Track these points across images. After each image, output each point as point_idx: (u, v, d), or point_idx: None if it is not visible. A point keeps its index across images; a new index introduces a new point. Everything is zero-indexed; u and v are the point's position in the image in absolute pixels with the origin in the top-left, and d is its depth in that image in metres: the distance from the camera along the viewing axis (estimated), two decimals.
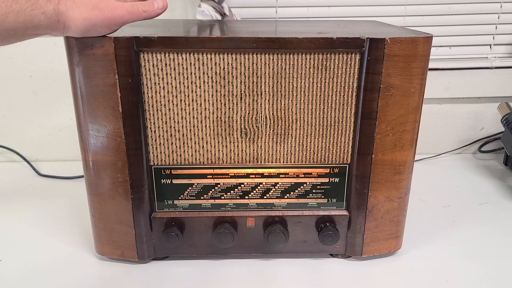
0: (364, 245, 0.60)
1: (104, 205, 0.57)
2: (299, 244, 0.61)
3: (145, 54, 0.51)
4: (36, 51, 0.88)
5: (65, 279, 0.58)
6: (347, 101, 0.54)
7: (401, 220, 0.60)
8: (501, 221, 0.73)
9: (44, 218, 0.73)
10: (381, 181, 0.57)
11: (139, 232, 0.58)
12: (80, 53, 0.50)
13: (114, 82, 0.51)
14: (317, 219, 0.59)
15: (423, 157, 0.98)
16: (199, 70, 0.52)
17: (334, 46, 0.51)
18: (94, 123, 0.53)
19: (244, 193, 0.58)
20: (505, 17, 0.92)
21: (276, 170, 0.58)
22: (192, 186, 0.58)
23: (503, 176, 0.89)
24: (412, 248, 0.65)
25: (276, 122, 0.55)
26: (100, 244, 0.60)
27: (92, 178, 0.56)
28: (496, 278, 0.58)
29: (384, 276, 0.59)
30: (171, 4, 0.87)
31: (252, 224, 0.59)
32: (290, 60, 0.52)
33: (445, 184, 0.86)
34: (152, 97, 0.53)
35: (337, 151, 0.57)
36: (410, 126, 0.55)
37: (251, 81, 0.53)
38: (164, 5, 0.49)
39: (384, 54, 0.51)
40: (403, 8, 0.90)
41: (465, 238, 0.68)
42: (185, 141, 0.56)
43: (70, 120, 0.94)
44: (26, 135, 0.95)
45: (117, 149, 0.54)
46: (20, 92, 0.92)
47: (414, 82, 0.53)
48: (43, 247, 0.65)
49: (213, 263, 0.61)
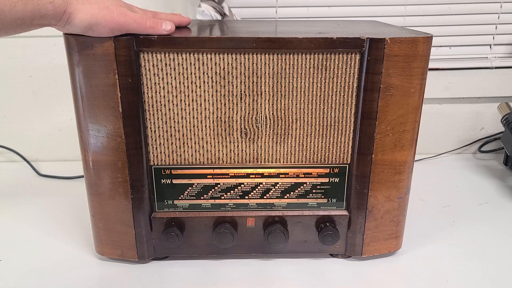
0: (364, 245, 0.60)
1: (104, 205, 0.57)
2: (299, 244, 0.61)
3: (145, 54, 0.51)
4: (36, 51, 0.88)
5: (65, 279, 0.58)
6: (347, 101, 0.54)
7: (401, 220, 0.60)
8: (501, 221, 0.73)
9: (44, 218, 0.73)
10: (381, 181, 0.57)
11: (139, 232, 0.58)
12: (80, 53, 0.50)
13: (114, 82, 0.51)
14: (317, 219, 0.59)
15: (423, 157, 0.98)
16: (199, 70, 0.52)
17: (334, 46, 0.51)
18: (94, 123, 0.53)
19: (244, 193, 0.58)
20: (505, 17, 0.92)
21: (276, 170, 0.58)
22: (192, 186, 0.58)
23: (503, 176, 0.89)
24: (412, 248, 0.65)
25: (276, 122, 0.55)
26: (100, 244, 0.60)
27: (92, 178, 0.56)
28: (496, 278, 0.58)
29: (384, 276, 0.59)
30: (171, 4, 0.87)
31: (252, 224, 0.59)
32: (290, 60, 0.52)
33: (445, 184, 0.86)
34: (152, 97, 0.53)
35: (337, 151, 0.57)
36: (410, 126, 0.55)
37: (251, 81, 0.53)
38: (172, 29, 0.52)
39: (384, 54, 0.51)
40: (403, 8, 0.90)
41: (465, 238, 0.68)
42: (185, 141, 0.56)
43: (70, 120, 0.94)
44: (26, 135, 0.95)
45: (117, 149, 0.54)
46: (20, 92, 0.92)
47: (414, 82, 0.53)
48: (43, 247, 0.65)
49: (213, 263, 0.61)
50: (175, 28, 0.53)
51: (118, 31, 0.49)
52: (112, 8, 0.48)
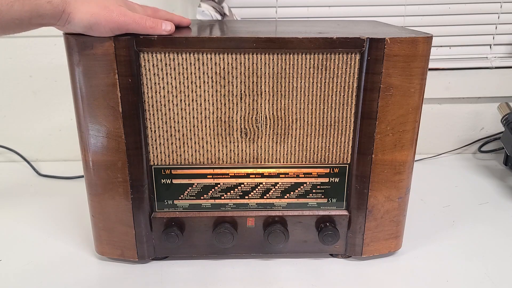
0: (364, 245, 0.60)
1: (104, 205, 0.57)
2: (299, 244, 0.61)
3: (145, 54, 0.51)
4: (36, 51, 0.88)
5: (65, 279, 0.58)
6: (347, 101, 0.54)
7: (401, 220, 0.60)
8: (501, 221, 0.73)
9: (44, 218, 0.73)
10: (381, 181, 0.57)
11: (139, 232, 0.58)
12: (80, 53, 0.50)
13: (114, 82, 0.51)
14: (317, 219, 0.59)
15: (423, 157, 0.98)
16: (199, 70, 0.52)
17: (334, 46, 0.51)
18: (94, 123, 0.53)
19: (244, 193, 0.58)
20: (505, 17, 0.92)
21: (276, 170, 0.58)
22: (192, 186, 0.58)
23: (503, 176, 0.89)
24: (412, 248, 0.65)
25: (276, 122, 0.55)
26: (100, 244, 0.60)
27: (92, 178, 0.56)
28: (496, 278, 0.58)
29: (384, 276, 0.59)
30: (171, 4, 0.87)
31: (252, 224, 0.59)
32: (290, 60, 0.52)
33: (445, 184, 0.86)
34: (152, 97, 0.53)
35: (337, 151, 0.57)
36: (410, 126, 0.55)
37: (251, 81, 0.53)
38: (171, 30, 0.52)
39: (384, 54, 0.51)
40: (403, 8, 0.90)
41: (465, 238, 0.68)
42: (185, 141, 0.56)
43: (70, 120, 0.94)
44: (26, 135, 0.95)
45: (117, 149, 0.54)
46: (20, 92, 0.92)
47: (414, 82, 0.53)
48: (43, 247, 0.65)
49: (213, 263, 0.61)
50: (175, 29, 0.53)
51: (118, 31, 0.49)
52: (112, 7, 0.48)
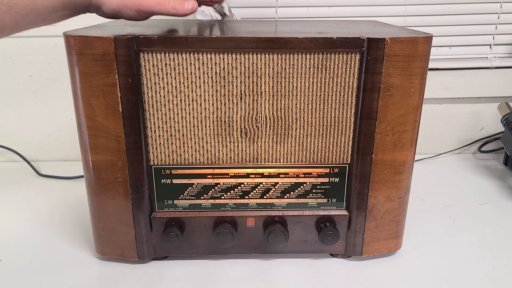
0: (364, 245, 0.60)
1: (104, 205, 0.57)
2: (299, 244, 0.61)
3: (145, 54, 0.51)
4: (36, 51, 0.88)
5: (65, 279, 0.58)
6: (347, 101, 0.54)
7: (401, 220, 0.60)
8: (501, 221, 0.73)
9: (44, 218, 0.73)
10: (381, 181, 0.57)
11: (139, 232, 0.58)
12: (80, 53, 0.50)
13: (114, 82, 0.51)
14: (317, 219, 0.59)
15: (423, 157, 0.98)
16: (199, 70, 0.52)
17: (334, 46, 0.51)
18: (94, 123, 0.53)
19: (244, 193, 0.58)
20: (505, 17, 0.92)
21: (276, 170, 0.58)
22: (192, 186, 0.58)
23: (503, 176, 0.89)
24: (412, 248, 0.65)
25: (276, 122, 0.55)
26: (100, 244, 0.60)
27: (92, 178, 0.56)
28: (496, 278, 0.58)
29: (384, 276, 0.59)
30: None
31: (252, 224, 0.59)
32: (290, 60, 0.52)
33: (445, 184, 0.86)
34: (152, 97, 0.53)
35: (337, 151, 0.57)
36: (410, 126, 0.55)
37: (251, 81, 0.53)
38: (194, 8, 0.53)
39: (384, 54, 0.51)
40: (403, 8, 0.90)
41: (465, 238, 0.68)
42: (185, 141, 0.56)
43: (70, 120, 0.94)
44: (26, 135, 0.95)
45: (117, 149, 0.54)
46: (20, 92, 0.92)
47: (414, 82, 0.53)
48: (43, 247, 0.65)
49: (213, 263, 0.61)
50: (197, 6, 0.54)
51: (144, 13, 0.52)
52: None
